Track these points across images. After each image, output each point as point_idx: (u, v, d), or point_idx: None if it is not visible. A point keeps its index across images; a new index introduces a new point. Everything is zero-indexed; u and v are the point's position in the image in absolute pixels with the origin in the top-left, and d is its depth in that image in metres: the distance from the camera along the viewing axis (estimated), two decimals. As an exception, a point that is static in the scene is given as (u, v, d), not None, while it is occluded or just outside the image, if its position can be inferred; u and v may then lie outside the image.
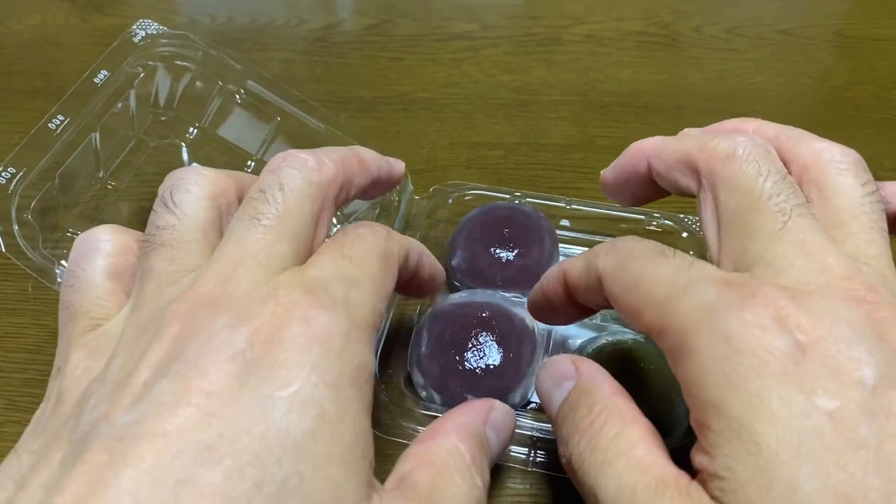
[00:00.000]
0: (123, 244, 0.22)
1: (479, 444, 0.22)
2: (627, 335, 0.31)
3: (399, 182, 0.27)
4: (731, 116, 0.48)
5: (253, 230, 0.19)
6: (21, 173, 0.30)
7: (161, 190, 0.21)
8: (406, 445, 0.29)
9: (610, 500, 0.18)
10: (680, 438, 0.28)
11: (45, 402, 0.19)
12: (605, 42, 0.54)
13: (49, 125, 0.31)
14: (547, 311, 0.26)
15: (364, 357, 0.19)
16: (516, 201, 0.38)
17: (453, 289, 0.35)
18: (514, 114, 0.48)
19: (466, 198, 0.38)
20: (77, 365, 0.19)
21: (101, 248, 0.21)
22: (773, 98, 0.49)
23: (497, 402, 0.24)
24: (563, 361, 0.23)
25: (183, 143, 0.37)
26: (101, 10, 0.58)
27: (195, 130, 0.37)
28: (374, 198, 0.27)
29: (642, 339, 0.31)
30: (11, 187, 0.30)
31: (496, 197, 0.38)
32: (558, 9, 0.58)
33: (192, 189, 0.21)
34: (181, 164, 0.37)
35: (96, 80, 0.32)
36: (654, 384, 0.28)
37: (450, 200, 0.38)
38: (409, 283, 0.25)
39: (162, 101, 0.36)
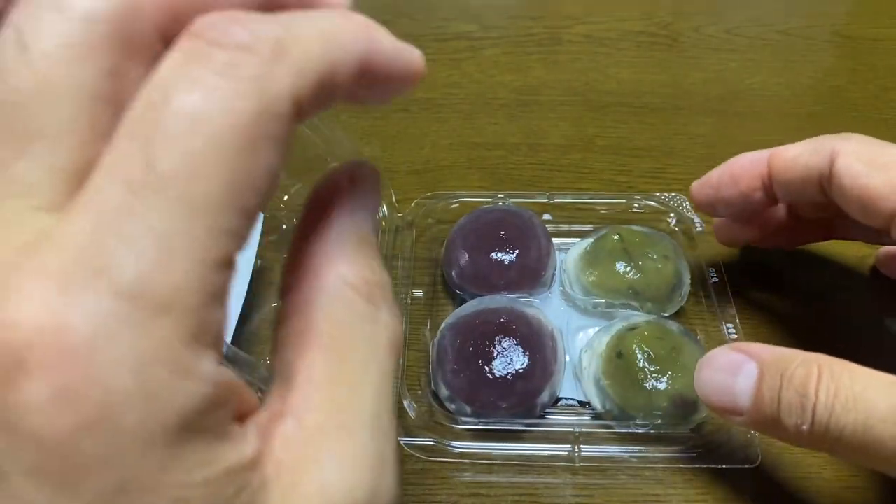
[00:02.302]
0: None
1: (368, 251, 0.15)
2: (639, 318, 0.31)
3: (412, 78, 0.15)
4: (731, 116, 0.49)
5: None
6: None
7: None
8: (448, 466, 0.29)
9: (886, 418, 0.20)
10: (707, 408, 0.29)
11: None
12: (605, 42, 0.54)
13: None
14: (718, 195, 0.30)
15: (186, 398, 0.11)
16: (500, 203, 0.38)
17: (454, 297, 0.35)
18: (514, 114, 0.48)
19: (453, 206, 0.38)
20: None
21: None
22: (772, 98, 0.49)
23: (357, 164, 0.16)
24: (725, 354, 0.25)
25: None
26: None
27: None
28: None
29: (654, 319, 0.31)
30: None
31: (480, 202, 0.38)
32: (558, 9, 0.58)
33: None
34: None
35: None
36: (677, 359, 0.29)
37: (438, 209, 0.38)
38: (358, 89, 0.14)
39: None
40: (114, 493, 0.10)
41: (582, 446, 0.29)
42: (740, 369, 0.24)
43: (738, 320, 0.32)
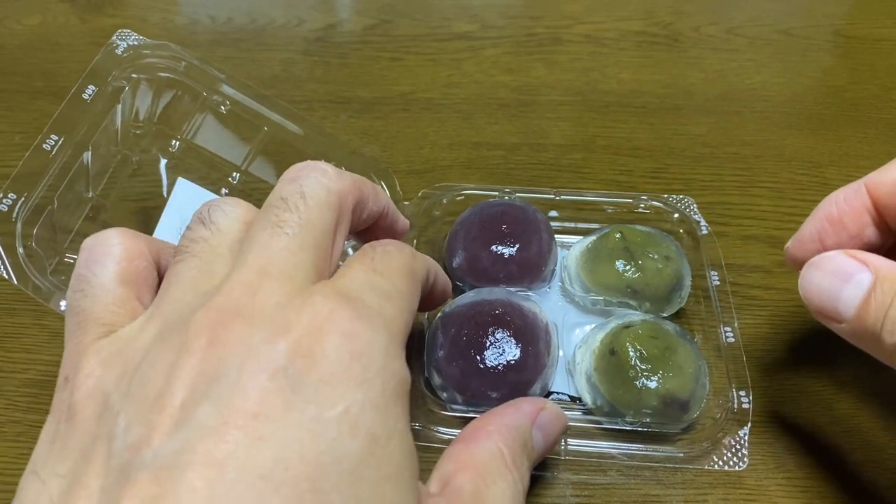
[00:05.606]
0: (134, 248, 0.21)
1: (521, 447, 0.23)
2: (636, 316, 0.31)
3: (403, 235, 0.27)
4: (731, 116, 0.49)
5: (276, 238, 0.19)
6: (23, 199, 0.29)
7: (198, 209, 0.22)
8: (432, 449, 0.29)
9: None
10: (698, 408, 0.29)
11: (53, 416, 0.18)
12: (605, 42, 0.54)
13: (44, 146, 0.30)
14: (825, 248, 0.26)
15: (403, 372, 0.18)
16: (506, 197, 0.38)
17: (455, 289, 0.35)
18: (514, 114, 0.48)
19: (459, 198, 0.38)
20: (90, 374, 0.18)
21: (111, 251, 0.21)
22: (772, 98, 0.49)
23: (549, 403, 0.25)
24: (839, 259, 0.24)
25: (165, 158, 0.36)
26: (101, 11, 0.58)
27: (177, 143, 0.35)
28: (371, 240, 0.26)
29: (650, 318, 0.31)
30: (14, 214, 0.29)
31: (486, 195, 0.38)
32: (558, 9, 0.58)
33: (229, 211, 0.21)
34: (162, 177, 0.36)
35: (85, 96, 0.31)
36: (670, 358, 0.29)
37: (444, 201, 0.38)
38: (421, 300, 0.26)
39: (145, 114, 0.35)
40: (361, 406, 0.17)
41: (569, 440, 0.29)
42: (852, 277, 0.23)
43: (737, 324, 0.32)
